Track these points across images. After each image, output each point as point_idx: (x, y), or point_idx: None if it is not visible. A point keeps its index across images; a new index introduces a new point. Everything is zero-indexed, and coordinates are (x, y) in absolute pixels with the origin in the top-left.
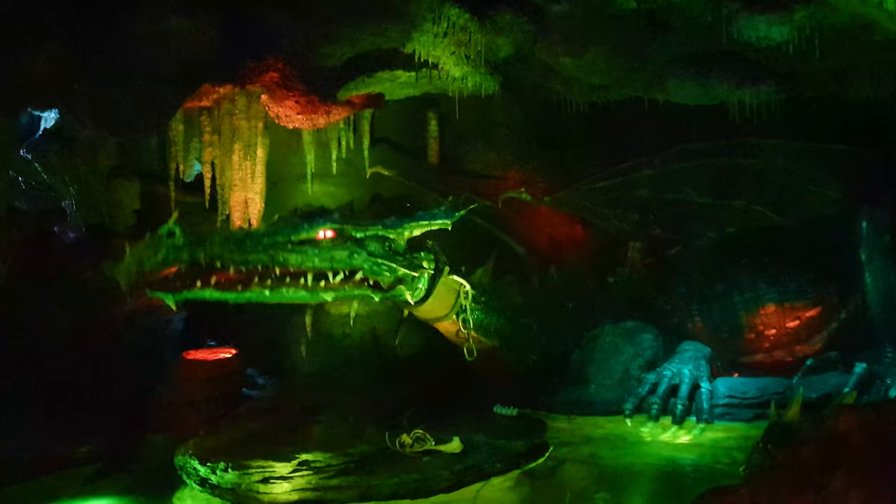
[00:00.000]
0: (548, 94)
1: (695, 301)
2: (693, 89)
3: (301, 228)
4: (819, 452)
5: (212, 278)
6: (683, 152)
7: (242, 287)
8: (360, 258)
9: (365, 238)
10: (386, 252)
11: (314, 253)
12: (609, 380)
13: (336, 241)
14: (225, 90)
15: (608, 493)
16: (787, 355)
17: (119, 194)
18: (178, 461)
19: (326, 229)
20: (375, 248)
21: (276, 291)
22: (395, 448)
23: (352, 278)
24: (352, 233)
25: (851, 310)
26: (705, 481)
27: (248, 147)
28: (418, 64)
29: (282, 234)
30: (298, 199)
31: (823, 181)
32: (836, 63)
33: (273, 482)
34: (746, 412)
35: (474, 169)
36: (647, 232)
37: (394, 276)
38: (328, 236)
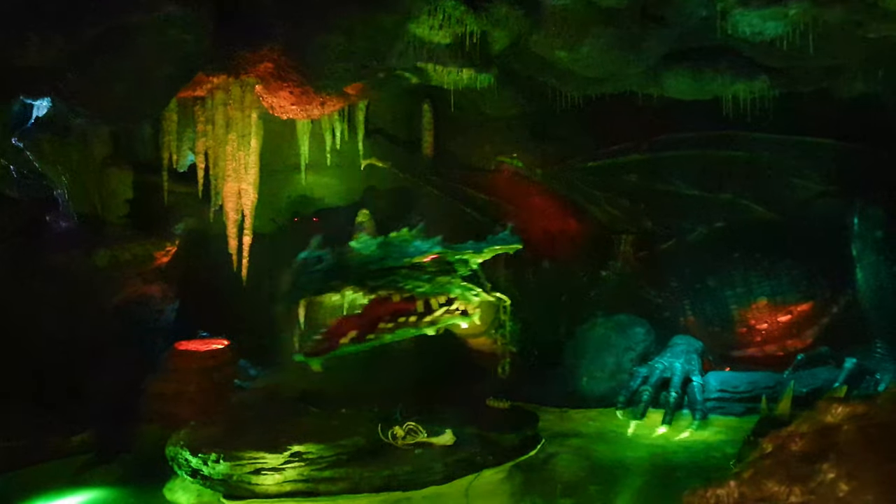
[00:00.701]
0: (543, 87)
1: (687, 295)
2: (688, 84)
3: (410, 252)
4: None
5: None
6: (671, 140)
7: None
8: (456, 283)
9: (456, 262)
10: (470, 276)
11: (425, 278)
12: (601, 373)
13: (438, 264)
14: (219, 80)
15: (599, 486)
16: (779, 350)
17: (112, 184)
18: (169, 452)
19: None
20: (464, 271)
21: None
22: (388, 440)
23: (449, 307)
24: (448, 257)
25: (843, 305)
26: (696, 475)
27: (241, 137)
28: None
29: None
30: (292, 190)
31: (810, 175)
32: (830, 59)
33: (265, 473)
34: (738, 406)
35: (469, 161)
36: (638, 223)
37: (479, 300)
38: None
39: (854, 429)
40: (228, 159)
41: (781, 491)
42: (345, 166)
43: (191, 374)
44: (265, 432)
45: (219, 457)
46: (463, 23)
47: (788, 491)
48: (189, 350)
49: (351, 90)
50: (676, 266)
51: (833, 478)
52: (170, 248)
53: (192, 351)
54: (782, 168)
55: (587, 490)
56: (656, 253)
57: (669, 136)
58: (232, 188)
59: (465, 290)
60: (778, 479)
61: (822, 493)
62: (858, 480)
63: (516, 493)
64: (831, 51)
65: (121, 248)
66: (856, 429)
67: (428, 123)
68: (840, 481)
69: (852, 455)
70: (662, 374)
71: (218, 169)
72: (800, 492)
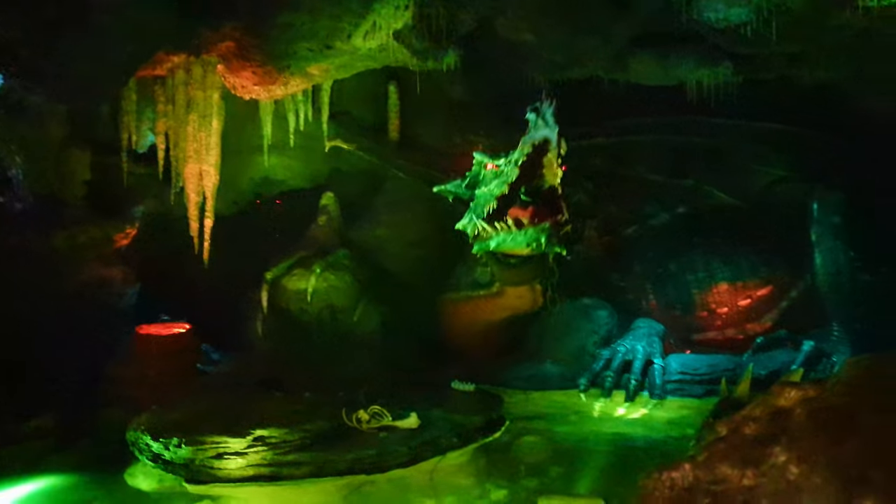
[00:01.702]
0: (509, 71)
1: (649, 279)
2: (653, 69)
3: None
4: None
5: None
6: (635, 125)
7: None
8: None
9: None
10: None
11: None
12: (565, 355)
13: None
14: (180, 59)
15: (562, 467)
16: (739, 333)
17: (69, 164)
18: (130, 437)
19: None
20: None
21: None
22: (352, 424)
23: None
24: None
25: (801, 289)
26: (656, 456)
27: (203, 118)
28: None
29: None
30: (255, 171)
31: (770, 161)
32: (793, 46)
33: (227, 458)
34: (698, 388)
35: (435, 144)
36: (603, 208)
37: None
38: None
39: (805, 412)
40: (189, 140)
41: (734, 474)
42: (309, 148)
43: (152, 359)
44: (228, 417)
45: (180, 441)
46: (430, 4)
47: (741, 474)
48: (150, 334)
49: (315, 70)
50: (639, 251)
51: (784, 461)
52: (129, 231)
53: (153, 335)
54: (745, 154)
55: (550, 471)
56: (620, 238)
57: (634, 120)
58: (193, 169)
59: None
60: (731, 462)
61: (773, 475)
62: (808, 463)
63: (481, 474)
64: (794, 38)
65: (79, 230)
66: (807, 412)
67: (394, 105)
68: (791, 464)
69: (803, 438)
70: (625, 357)
71: (179, 150)
72: (752, 475)
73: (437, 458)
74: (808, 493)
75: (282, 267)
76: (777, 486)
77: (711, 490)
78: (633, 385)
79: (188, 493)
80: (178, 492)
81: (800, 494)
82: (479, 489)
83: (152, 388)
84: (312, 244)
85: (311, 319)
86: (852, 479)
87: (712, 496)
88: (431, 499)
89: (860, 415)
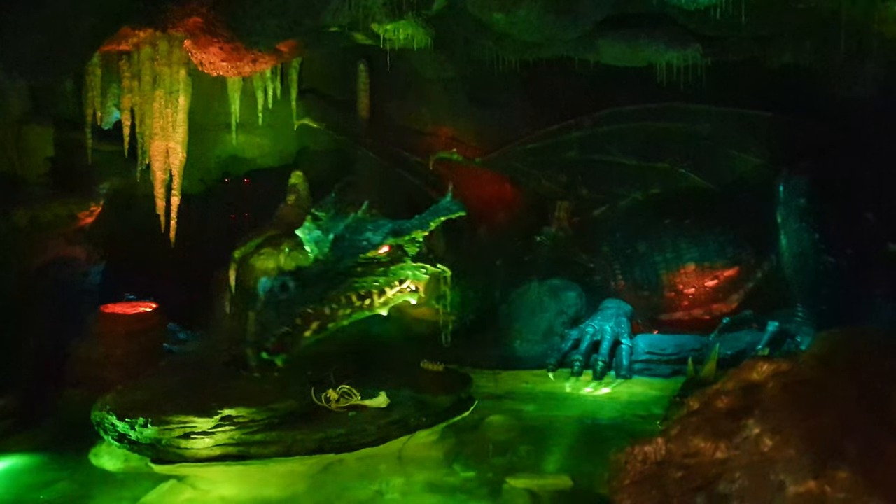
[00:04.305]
0: (480, 50)
1: (618, 260)
2: (622, 50)
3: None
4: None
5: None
6: (613, 115)
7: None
8: (408, 266)
9: (405, 244)
10: (418, 254)
11: (380, 272)
12: (534, 336)
13: (392, 253)
14: (146, 34)
15: (531, 446)
16: (705, 313)
17: (31, 141)
18: (95, 417)
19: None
20: (414, 252)
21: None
22: (321, 403)
23: (401, 286)
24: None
25: (766, 270)
26: (624, 434)
27: (169, 94)
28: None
29: (349, 257)
30: (222, 149)
31: (746, 146)
32: (761, 29)
33: (194, 437)
34: (665, 368)
35: (406, 124)
36: (574, 192)
37: (429, 275)
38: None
39: (778, 385)
40: (156, 117)
41: (707, 447)
42: (277, 126)
43: (118, 338)
44: (195, 396)
45: (147, 421)
46: None
47: (714, 447)
48: (116, 313)
49: (283, 47)
50: (608, 232)
51: (757, 433)
52: (94, 209)
53: (118, 314)
54: (721, 139)
55: (518, 450)
56: (589, 219)
57: (610, 111)
58: (159, 147)
59: (415, 270)
60: (704, 435)
61: (746, 448)
62: (781, 435)
63: (449, 453)
64: (762, 20)
65: (41, 208)
66: (780, 385)
67: (364, 84)
68: (764, 436)
69: (776, 411)
70: (593, 338)
71: (144, 127)
72: (725, 447)
73: (405, 438)
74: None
75: (250, 246)
76: (751, 459)
77: (684, 463)
78: (600, 365)
79: (154, 474)
80: (145, 472)
81: (773, 466)
82: (448, 468)
83: (118, 368)
84: (281, 223)
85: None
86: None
87: (685, 469)
88: (400, 478)
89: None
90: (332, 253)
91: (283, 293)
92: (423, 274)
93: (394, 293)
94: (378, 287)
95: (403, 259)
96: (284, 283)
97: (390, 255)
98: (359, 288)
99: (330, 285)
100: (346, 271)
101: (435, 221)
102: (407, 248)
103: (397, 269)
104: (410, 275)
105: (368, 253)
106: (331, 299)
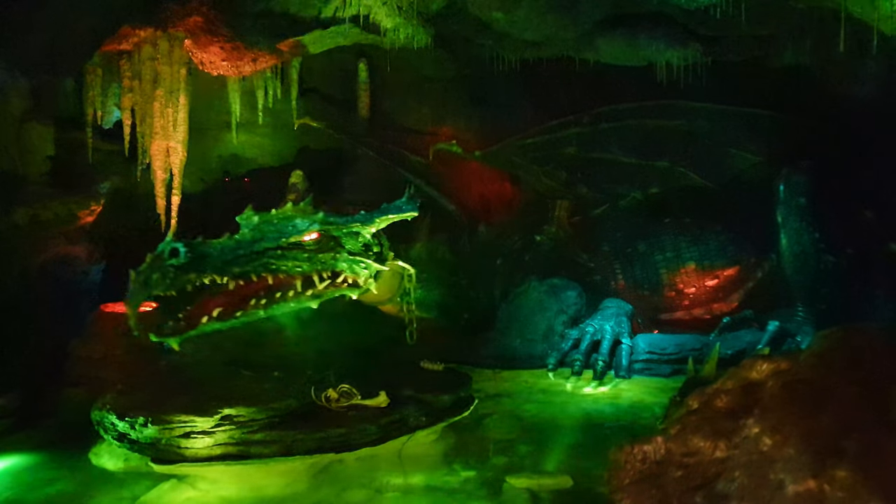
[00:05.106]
0: (480, 50)
1: (618, 259)
2: (622, 49)
3: (288, 231)
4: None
5: (213, 310)
6: (612, 112)
7: (241, 313)
8: (342, 258)
9: (342, 237)
10: (360, 249)
11: (303, 258)
12: (534, 335)
13: (321, 242)
14: (146, 33)
15: (531, 446)
16: (706, 313)
17: (32, 140)
18: (94, 416)
19: (313, 231)
20: (352, 245)
21: (269, 309)
22: (321, 402)
23: (335, 280)
24: (332, 232)
25: (767, 270)
26: (624, 433)
27: (170, 93)
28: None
29: (268, 238)
30: (223, 149)
31: (745, 144)
32: (761, 28)
33: (194, 437)
34: (665, 367)
35: (406, 123)
36: (574, 191)
37: (371, 272)
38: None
39: (778, 384)
40: (156, 116)
41: (707, 446)
42: (278, 125)
43: (118, 337)
44: (195, 395)
45: (147, 420)
46: None
47: (714, 446)
48: (116, 312)
49: (284, 47)
50: (608, 231)
51: (757, 432)
52: (94, 208)
53: (119, 313)
54: (720, 137)
55: (518, 449)
56: (589, 218)
57: (610, 108)
58: (160, 146)
59: (352, 264)
60: (703, 434)
61: (746, 447)
62: (781, 434)
63: (449, 453)
64: (762, 19)
65: (42, 207)
66: (780, 385)
67: (364, 83)
68: (764, 435)
69: (776, 410)
70: (593, 337)
71: (145, 126)
72: (725, 446)
73: (405, 437)
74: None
75: None
76: (750, 458)
77: (684, 462)
78: (601, 365)
79: (154, 473)
80: (145, 471)
81: (773, 465)
82: (448, 468)
83: (118, 367)
84: None
85: None
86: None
87: (685, 468)
88: (400, 477)
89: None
90: (251, 233)
91: (171, 258)
92: (363, 269)
93: (324, 286)
94: (301, 273)
95: (337, 251)
96: (175, 248)
97: (318, 242)
98: (275, 270)
99: (236, 261)
100: (262, 251)
101: (383, 219)
102: (345, 241)
103: (327, 259)
104: (346, 268)
105: (292, 238)
106: (234, 274)
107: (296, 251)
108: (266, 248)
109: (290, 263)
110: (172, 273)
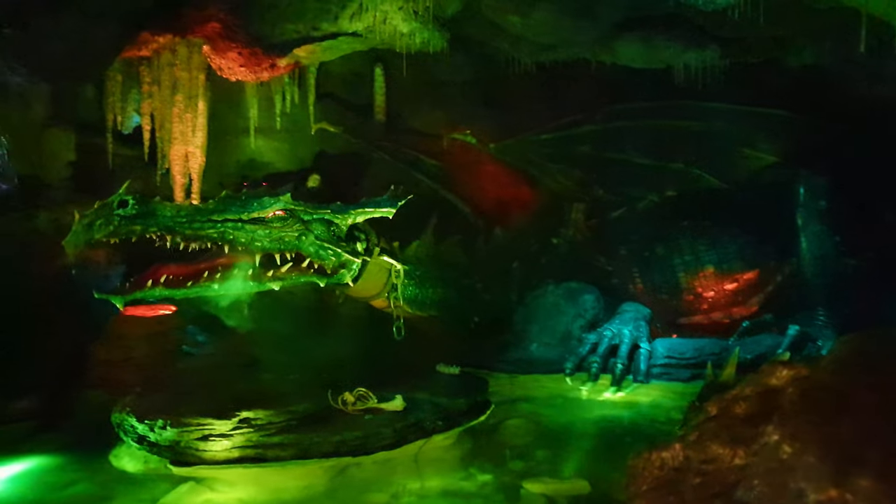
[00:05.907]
0: (495, 53)
1: (636, 263)
2: (640, 52)
3: (251, 207)
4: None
5: (161, 276)
6: (624, 111)
7: (192, 283)
8: (308, 241)
9: (312, 221)
10: (331, 237)
11: (264, 233)
12: (551, 339)
13: (285, 221)
14: (165, 40)
15: (548, 451)
16: (725, 317)
17: (53, 145)
18: (115, 418)
19: (277, 210)
20: (321, 232)
21: (224, 284)
22: (338, 406)
23: (299, 265)
24: (300, 215)
25: (787, 273)
26: (641, 439)
27: (189, 99)
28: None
29: (231, 211)
30: (241, 154)
31: (761, 145)
32: (780, 29)
33: (213, 439)
34: (684, 372)
35: (421, 127)
36: (590, 192)
37: (338, 260)
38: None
39: (797, 391)
40: (175, 121)
41: (725, 453)
42: (295, 130)
43: (137, 340)
44: (213, 398)
45: (166, 423)
46: None
47: (732, 453)
48: (136, 316)
49: (301, 52)
50: (626, 234)
51: (776, 440)
52: None
53: (138, 316)
54: (735, 138)
55: (536, 454)
56: (606, 221)
57: (623, 106)
58: (179, 151)
59: (318, 249)
60: (722, 441)
61: (765, 454)
62: (801, 442)
63: (466, 457)
64: (781, 20)
65: (63, 212)
66: (799, 391)
67: (380, 88)
68: (783, 443)
69: (795, 417)
70: (611, 341)
71: (164, 131)
72: (743, 454)
73: (422, 441)
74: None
75: None
76: (769, 465)
77: (702, 469)
78: (619, 369)
79: (173, 475)
80: (163, 473)
81: (793, 473)
82: (465, 472)
83: (137, 370)
84: None
85: (297, 301)
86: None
87: (703, 475)
88: (416, 481)
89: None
90: (214, 204)
91: (119, 208)
92: (330, 255)
93: (287, 268)
94: (260, 249)
95: (303, 233)
96: (125, 199)
97: (283, 220)
98: (232, 240)
99: (190, 224)
100: (220, 220)
101: (358, 212)
102: (314, 226)
103: (290, 240)
104: (312, 253)
105: (254, 213)
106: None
107: (257, 226)
108: (226, 218)
109: (248, 236)
110: (117, 221)
